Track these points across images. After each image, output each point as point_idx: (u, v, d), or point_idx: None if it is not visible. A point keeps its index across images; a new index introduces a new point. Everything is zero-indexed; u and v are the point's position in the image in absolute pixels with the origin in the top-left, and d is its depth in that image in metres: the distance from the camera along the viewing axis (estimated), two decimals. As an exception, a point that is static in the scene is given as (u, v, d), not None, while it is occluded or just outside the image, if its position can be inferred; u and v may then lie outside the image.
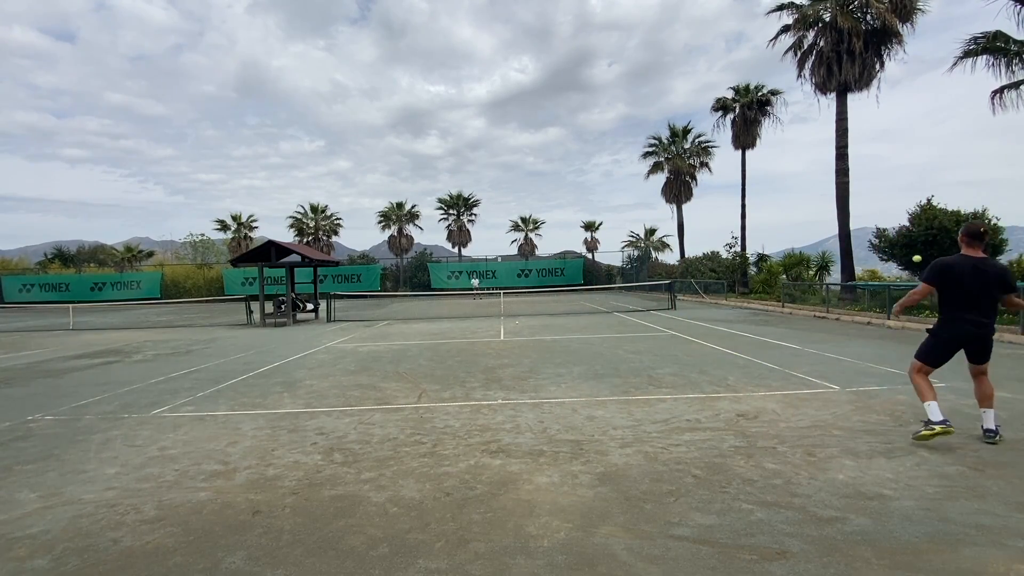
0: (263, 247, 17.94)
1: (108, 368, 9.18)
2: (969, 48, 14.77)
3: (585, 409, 5.53)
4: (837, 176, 19.59)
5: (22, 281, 36.59)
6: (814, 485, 3.44)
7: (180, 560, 2.73)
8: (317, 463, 4.12)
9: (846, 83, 18.84)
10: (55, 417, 5.78)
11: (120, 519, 3.23)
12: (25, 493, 3.67)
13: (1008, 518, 2.94)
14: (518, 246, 44.69)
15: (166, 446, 4.65)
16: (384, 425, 5.14)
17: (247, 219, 42.48)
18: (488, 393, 6.42)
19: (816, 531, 2.85)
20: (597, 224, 47.37)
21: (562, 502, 3.30)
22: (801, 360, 8.11)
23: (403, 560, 2.67)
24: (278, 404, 6.13)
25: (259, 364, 9.07)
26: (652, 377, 7.11)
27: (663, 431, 4.70)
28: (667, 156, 33.91)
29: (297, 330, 15.35)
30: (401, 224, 42.94)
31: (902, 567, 2.49)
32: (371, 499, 3.42)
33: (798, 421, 4.90)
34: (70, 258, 44.21)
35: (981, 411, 4.35)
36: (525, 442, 4.50)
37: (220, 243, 45.09)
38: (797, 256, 23.54)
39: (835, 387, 6.25)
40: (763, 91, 27.22)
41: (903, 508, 3.09)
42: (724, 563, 2.56)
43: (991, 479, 3.47)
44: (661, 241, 44.38)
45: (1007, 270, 4.24)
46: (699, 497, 3.30)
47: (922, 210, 16.55)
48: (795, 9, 19.91)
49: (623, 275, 39.01)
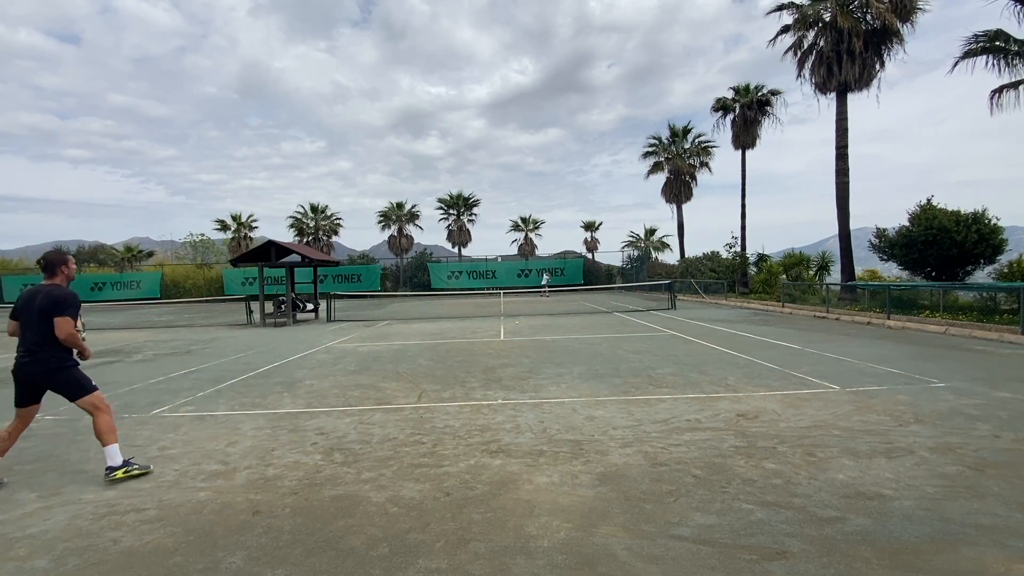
0: (263, 247, 17.93)
1: (108, 368, 9.18)
2: (970, 47, 14.77)
3: (585, 409, 5.53)
4: (837, 176, 19.59)
5: (22, 281, 36.58)
6: (814, 485, 3.44)
7: (180, 560, 2.73)
8: (317, 463, 4.12)
9: (846, 83, 18.84)
10: (55, 417, 5.78)
11: (120, 519, 3.23)
12: (25, 493, 3.68)
13: (1008, 518, 2.94)
14: (518, 246, 44.69)
15: (166, 446, 4.65)
16: (384, 425, 5.14)
17: (247, 219, 42.47)
18: (488, 393, 6.42)
19: (816, 531, 2.85)
20: (597, 224, 47.37)
21: (562, 502, 3.30)
22: (801, 360, 8.11)
23: (403, 560, 2.67)
24: (278, 404, 6.13)
25: (259, 364, 9.07)
26: (652, 377, 7.11)
27: (663, 431, 4.70)
28: (667, 156, 33.91)
29: (297, 330, 15.34)
30: (401, 224, 42.93)
31: (902, 567, 2.49)
32: (371, 499, 3.42)
33: (798, 421, 4.90)
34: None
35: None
36: (525, 442, 4.50)
37: (220, 243, 45.06)
38: (797, 256, 23.54)
39: (835, 387, 6.25)
40: (763, 91, 27.22)
41: (903, 508, 3.09)
42: (724, 563, 2.56)
43: (991, 479, 3.47)
44: (661, 241, 44.37)
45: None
46: (699, 497, 3.30)
47: (922, 210, 16.53)
48: (795, 9, 19.90)
49: (623, 275, 38.99)
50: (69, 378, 3.86)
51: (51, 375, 3.79)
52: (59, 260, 3.94)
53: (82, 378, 3.92)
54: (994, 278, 15.51)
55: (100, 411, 3.91)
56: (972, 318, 12.26)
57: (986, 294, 13.86)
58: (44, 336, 3.73)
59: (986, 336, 10.10)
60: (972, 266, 15.96)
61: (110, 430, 3.91)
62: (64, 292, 3.84)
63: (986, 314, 12.50)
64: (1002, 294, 13.06)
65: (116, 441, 3.91)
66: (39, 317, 3.72)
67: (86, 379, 3.95)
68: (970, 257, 15.40)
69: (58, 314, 3.71)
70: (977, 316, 12.42)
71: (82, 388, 3.89)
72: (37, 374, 3.78)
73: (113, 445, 3.88)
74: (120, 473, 3.83)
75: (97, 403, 3.92)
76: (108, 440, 3.87)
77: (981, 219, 15.28)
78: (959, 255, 15.26)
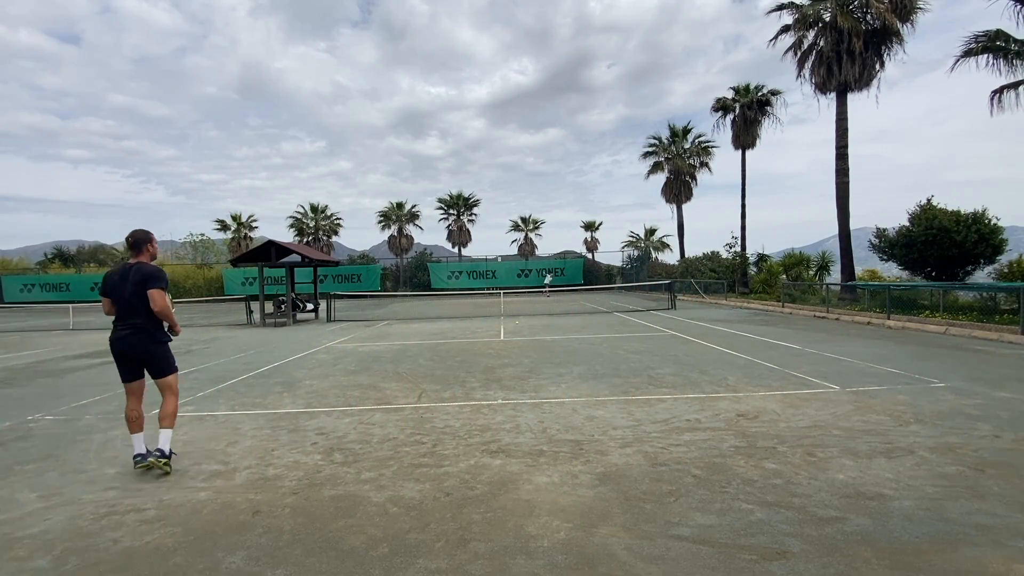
0: (263, 247, 17.92)
1: (108, 368, 9.18)
2: (970, 47, 14.76)
3: (585, 409, 5.53)
4: (837, 176, 19.59)
5: (22, 281, 36.58)
6: (814, 485, 3.44)
7: (180, 560, 2.73)
8: (317, 463, 4.12)
9: (846, 83, 18.84)
10: (55, 417, 5.78)
11: (120, 519, 3.23)
12: (25, 493, 3.67)
13: (1008, 518, 2.94)
14: (518, 246, 44.71)
15: (166, 446, 4.65)
16: (384, 425, 5.14)
17: (247, 219, 42.49)
18: (488, 393, 6.42)
19: (816, 531, 2.85)
20: (597, 224, 47.40)
21: (562, 502, 3.30)
22: (801, 360, 8.11)
23: (403, 560, 2.67)
24: (278, 404, 6.13)
25: (259, 364, 9.07)
26: (652, 377, 7.11)
27: (663, 431, 4.70)
28: (667, 156, 33.91)
29: (297, 330, 15.34)
30: (401, 224, 42.94)
31: (902, 567, 2.49)
32: (371, 499, 3.42)
33: (798, 421, 4.90)
34: (70, 258, 44.20)
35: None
36: (525, 442, 4.50)
37: (220, 243, 45.06)
38: (797, 256, 23.54)
39: (835, 387, 6.25)
40: (763, 91, 27.22)
41: (903, 508, 3.09)
42: (724, 563, 2.56)
43: (991, 479, 3.47)
44: (661, 241, 44.39)
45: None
46: (699, 497, 3.30)
47: (922, 210, 16.53)
48: (795, 9, 19.90)
49: (623, 275, 38.99)
50: (163, 353, 4.06)
51: (148, 348, 3.97)
52: (145, 238, 4.09)
53: (171, 356, 4.15)
54: (994, 278, 15.51)
55: (175, 394, 4.12)
56: (972, 318, 12.26)
57: (986, 294, 13.85)
58: (140, 310, 3.91)
59: (986, 336, 10.10)
60: (972, 266, 15.96)
61: (175, 415, 4.11)
62: (155, 267, 4.04)
63: (986, 314, 12.50)
64: (1002, 294, 13.06)
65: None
66: (134, 291, 3.88)
67: (173, 358, 4.18)
68: (970, 257, 15.40)
69: (152, 287, 3.90)
70: (977, 316, 12.41)
71: (169, 366, 4.11)
72: (135, 346, 3.94)
73: (171, 431, 4.04)
74: (152, 461, 3.94)
75: (175, 385, 4.12)
76: (172, 424, 4.06)
77: (981, 219, 15.28)
78: (959, 255, 15.26)
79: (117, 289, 3.92)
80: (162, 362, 4.06)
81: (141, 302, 3.90)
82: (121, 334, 3.94)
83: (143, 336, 3.95)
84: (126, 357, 3.99)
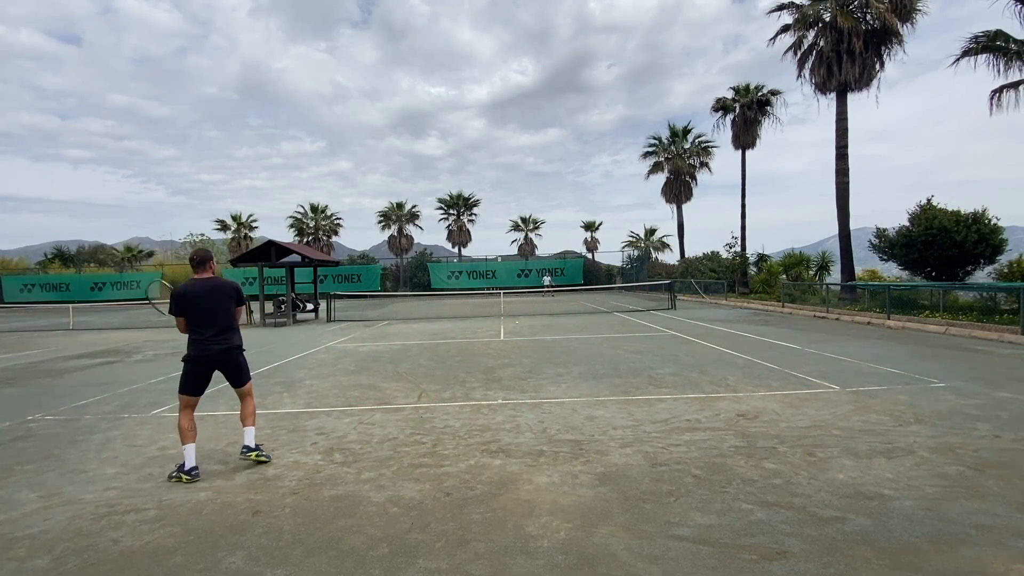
0: (263, 247, 17.92)
1: (108, 368, 9.18)
2: (970, 46, 14.76)
3: (585, 409, 5.53)
4: (837, 176, 19.59)
5: (22, 281, 36.57)
6: (814, 485, 3.44)
7: (180, 560, 2.73)
8: (317, 463, 4.12)
9: (846, 83, 18.83)
10: (55, 417, 5.78)
11: (120, 519, 3.23)
12: (25, 493, 3.68)
13: (1008, 518, 2.94)
14: (518, 246, 44.67)
15: (166, 446, 4.65)
16: (384, 425, 5.14)
17: (247, 219, 42.46)
18: (488, 393, 6.42)
19: (816, 531, 2.84)
20: (597, 224, 47.34)
21: (562, 502, 3.30)
22: (801, 360, 8.11)
23: (403, 560, 2.67)
24: (278, 404, 6.13)
25: (259, 364, 9.07)
26: (652, 377, 7.11)
27: (663, 431, 4.70)
28: (667, 156, 33.90)
29: (297, 330, 15.34)
30: (401, 224, 42.92)
31: (902, 567, 2.49)
32: (371, 499, 3.42)
33: (798, 421, 4.90)
34: (70, 258, 44.18)
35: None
36: (525, 442, 4.50)
37: (220, 243, 45.05)
38: (797, 256, 23.53)
39: (835, 387, 6.25)
40: (763, 91, 27.20)
41: (903, 508, 3.09)
42: (724, 563, 2.56)
43: (991, 479, 3.47)
44: (661, 241, 44.35)
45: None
46: (699, 497, 3.30)
47: (922, 210, 16.53)
48: (795, 9, 19.90)
49: (623, 275, 38.98)
50: (244, 361, 4.23)
51: (236, 356, 4.13)
52: (208, 256, 4.25)
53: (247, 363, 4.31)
54: (994, 278, 15.51)
55: (252, 396, 4.30)
56: (972, 318, 12.26)
57: (986, 294, 13.85)
58: (230, 322, 4.12)
59: (986, 336, 10.10)
60: (972, 266, 15.95)
61: (255, 413, 4.32)
62: (236, 282, 4.36)
63: (986, 314, 12.50)
64: (1002, 294, 13.06)
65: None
66: (226, 304, 4.09)
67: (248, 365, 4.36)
68: (970, 257, 15.39)
69: (242, 302, 4.25)
70: (977, 316, 12.41)
71: (248, 373, 4.28)
72: (225, 352, 4.06)
73: (253, 428, 4.21)
74: (254, 455, 4.12)
75: (251, 389, 4.31)
76: (254, 422, 4.24)
77: (981, 219, 15.28)
78: (959, 255, 15.26)
79: (204, 303, 3.99)
80: (244, 369, 4.23)
81: (230, 314, 4.11)
82: (220, 346, 4.02)
83: (237, 348, 4.13)
84: (216, 367, 4.08)
